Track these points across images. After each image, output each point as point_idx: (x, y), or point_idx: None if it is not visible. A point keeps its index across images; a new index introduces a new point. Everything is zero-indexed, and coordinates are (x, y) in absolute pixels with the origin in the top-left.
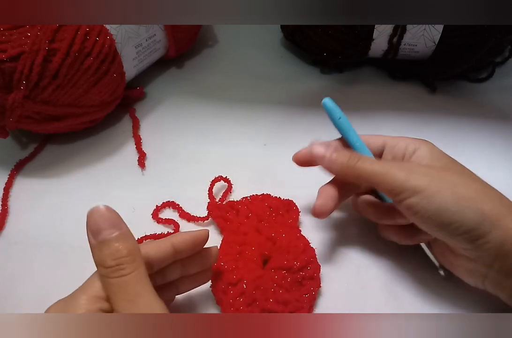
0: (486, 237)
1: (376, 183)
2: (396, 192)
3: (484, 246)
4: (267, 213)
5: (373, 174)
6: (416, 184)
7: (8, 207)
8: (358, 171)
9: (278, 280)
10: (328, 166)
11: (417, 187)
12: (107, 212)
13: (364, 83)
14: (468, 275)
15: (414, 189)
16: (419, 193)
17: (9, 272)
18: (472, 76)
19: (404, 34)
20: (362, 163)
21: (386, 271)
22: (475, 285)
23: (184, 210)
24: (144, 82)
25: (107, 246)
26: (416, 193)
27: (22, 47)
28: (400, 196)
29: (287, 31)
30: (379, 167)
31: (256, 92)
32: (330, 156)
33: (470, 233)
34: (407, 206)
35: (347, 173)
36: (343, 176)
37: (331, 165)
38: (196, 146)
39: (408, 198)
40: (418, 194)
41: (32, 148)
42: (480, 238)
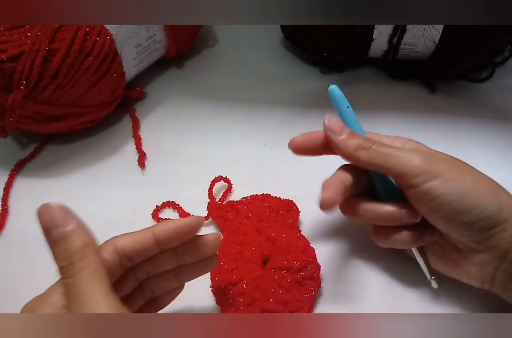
0: (504, 225)
1: (395, 165)
2: (414, 174)
3: (499, 234)
4: (267, 213)
5: (390, 156)
6: (437, 168)
7: (8, 207)
8: (374, 153)
9: (278, 280)
10: (342, 146)
11: (439, 170)
12: (55, 210)
13: (364, 83)
14: (478, 271)
15: (435, 172)
16: (440, 177)
17: (9, 272)
18: (472, 76)
19: (404, 34)
20: (378, 147)
21: (386, 271)
22: (481, 284)
23: (184, 210)
24: (144, 82)
25: (56, 245)
26: (437, 176)
27: (22, 47)
28: (419, 178)
29: (287, 31)
30: (396, 150)
31: (256, 92)
32: (345, 136)
33: (489, 220)
34: (427, 190)
35: (361, 155)
36: (356, 158)
37: (346, 145)
38: (196, 146)
39: (428, 181)
40: (440, 178)
41: (32, 148)
42: (498, 225)
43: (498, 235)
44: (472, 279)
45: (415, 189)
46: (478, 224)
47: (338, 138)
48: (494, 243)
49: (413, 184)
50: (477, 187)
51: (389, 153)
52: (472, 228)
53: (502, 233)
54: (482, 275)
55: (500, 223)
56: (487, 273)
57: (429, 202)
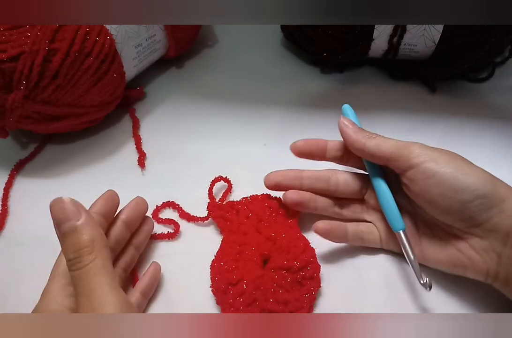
0: (500, 206)
1: (395, 149)
2: (414, 155)
3: (497, 216)
4: (267, 213)
5: (391, 143)
6: (433, 154)
7: (8, 207)
8: (379, 140)
9: (278, 280)
10: (353, 136)
11: (434, 154)
12: (67, 203)
13: (364, 83)
14: (482, 260)
15: (431, 156)
16: (437, 159)
17: (10, 272)
18: (472, 76)
19: (404, 34)
20: (381, 137)
21: (386, 271)
22: (485, 275)
23: (184, 210)
24: (144, 82)
25: (65, 238)
26: (435, 159)
27: (22, 47)
28: (417, 159)
29: (287, 31)
30: (397, 140)
31: (256, 92)
32: (353, 128)
33: (485, 199)
34: (424, 169)
35: (367, 142)
36: (361, 145)
37: (357, 135)
38: (196, 146)
39: (426, 162)
40: (436, 160)
41: (32, 148)
42: (495, 205)
43: (496, 217)
44: (477, 269)
45: (414, 169)
46: (474, 202)
47: (351, 129)
48: (493, 226)
49: (412, 164)
50: (472, 170)
51: (392, 140)
52: (470, 207)
53: (500, 215)
54: (487, 262)
55: (497, 203)
56: (492, 260)
57: (426, 180)
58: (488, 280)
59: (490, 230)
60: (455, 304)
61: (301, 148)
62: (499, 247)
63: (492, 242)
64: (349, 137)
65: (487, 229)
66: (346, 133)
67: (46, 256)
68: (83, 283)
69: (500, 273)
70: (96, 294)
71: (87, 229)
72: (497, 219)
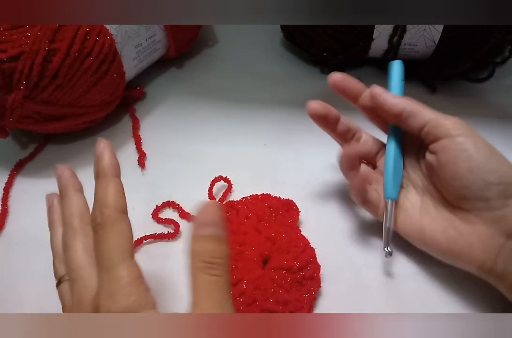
0: None
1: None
2: (453, 127)
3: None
4: (267, 213)
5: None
6: (471, 131)
7: (8, 207)
8: (420, 105)
9: (278, 280)
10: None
11: (473, 132)
12: (218, 209)
13: (364, 83)
14: (482, 247)
15: (470, 132)
16: (474, 136)
17: (9, 272)
18: (472, 76)
19: (404, 34)
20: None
21: (386, 271)
22: (481, 265)
23: (184, 209)
24: (144, 82)
25: (208, 242)
26: (472, 135)
27: (22, 47)
28: (458, 130)
29: (287, 31)
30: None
31: (256, 92)
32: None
33: (508, 186)
34: (462, 141)
35: (408, 103)
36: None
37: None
38: (196, 146)
39: (464, 135)
40: (474, 137)
41: (32, 148)
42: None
43: (510, 207)
44: (473, 258)
45: (450, 138)
46: (497, 186)
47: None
48: (504, 215)
49: (450, 134)
50: (505, 158)
51: (431, 109)
52: (491, 189)
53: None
54: (486, 252)
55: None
56: (492, 250)
57: (459, 152)
58: (482, 272)
59: (499, 219)
60: (455, 304)
61: (339, 82)
62: (503, 239)
63: (497, 232)
64: (387, 100)
65: (497, 216)
66: (383, 96)
67: (46, 256)
68: (213, 291)
69: (496, 266)
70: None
71: (225, 244)
72: (510, 209)
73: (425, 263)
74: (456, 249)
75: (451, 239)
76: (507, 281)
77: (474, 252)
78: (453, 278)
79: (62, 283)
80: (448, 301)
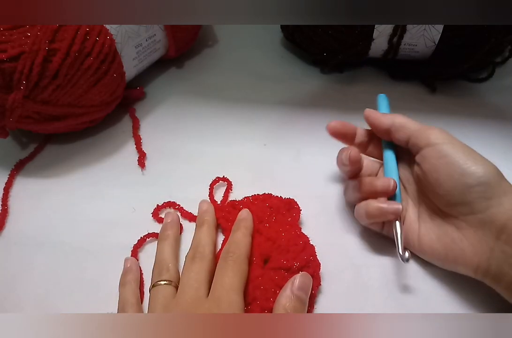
0: (500, 199)
1: (419, 128)
2: (434, 137)
3: (495, 208)
4: (267, 214)
5: (417, 123)
6: (450, 137)
7: (8, 207)
8: (406, 119)
9: (278, 280)
10: (377, 115)
11: (451, 139)
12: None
13: (364, 83)
14: (473, 253)
15: (448, 139)
16: (452, 143)
17: (9, 272)
18: (472, 76)
19: (404, 34)
20: (408, 118)
21: (386, 271)
22: (474, 272)
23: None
24: (144, 82)
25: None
26: (450, 142)
27: (22, 47)
28: (437, 139)
29: (287, 31)
30: (419, 123)
31: (256, 92)
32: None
33: (488, 187)
34: (440, 148)
35: (396, 117)
36: (390, 121)
37: (381, 115)
38: (196, 146)
39: (443, 144)
40: (452, 143)
41: (32, 148)
42: (494, 197)
43: (494, 208)
44: (468, 263)
45: (430, 147)
46: (477, 188)
47: (377, 113)
48: (489, 217)
49: (430, 143)
50: (483, 160)
51: (416, 121)
52: (471, 192)
53: (498, 207)
54: (478, 255)
55: (497, 195)
56: (483, 253)
57: (439, 159)
58: (478, 275)
59: (485, 222)
60: (455, 304)
61: (338, 129)
62: (492, 241)
63: (485, 235)
64: (378, 118)
65: (482, 219)
66: (374, 115)
67: (46, 256)
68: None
69: (491, 268)
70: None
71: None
72: (494, 210)
73: (425, 263)
74: (451, 256)
75: (446, 246)
76: (502, 282)
77: (467, 257)
78: (453, 278)
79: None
80: (448, 301)
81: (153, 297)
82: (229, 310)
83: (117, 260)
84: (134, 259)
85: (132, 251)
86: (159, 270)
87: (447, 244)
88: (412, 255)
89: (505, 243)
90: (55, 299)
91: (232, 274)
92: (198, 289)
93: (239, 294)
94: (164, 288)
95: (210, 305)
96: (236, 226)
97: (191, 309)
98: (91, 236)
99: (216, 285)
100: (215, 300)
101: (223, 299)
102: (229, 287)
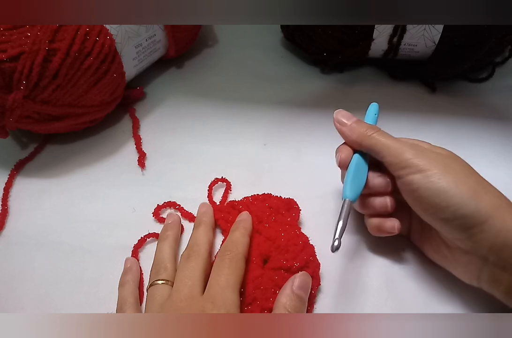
0: (481, 226)
1: (387, 154)
2: (401, 166)
3: (478, 235)
4: (266, 214)
5: (386, 146)
6: (422, 163)
7: (8, 207)
8: (373, 140)
9: (278, 280)
10: (347, 133)
11: (423, 165)
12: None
13: (364, 83)
14: (463, 271)
15: (419, 167)
16: (423, 172)
17: (9, 272)
18: (472, 76)
19: (404, 34)
20: (378, 135)
21: (386, 271)
22: (469, 281)
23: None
24: (144, 82)
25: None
26: (421, 171)
27: (22, 47)
28: (405, 170)
29: (287, 31)
30: (393, 142)
31: (256, 92)
32: (351, 125)
33: (466, 219)
34: (409, 181)
35: (362, 141)
36: (358, 144)
37: (350, 132)
38: (196, 146)
39: (411, 174)
40: (422, 172)
41: (32, 148)
42: (475, 226)
43: (477, 236)
44: (461, 276)
45: (401, 179)
46: (456, 222)
47: (344, 128)
48: (474, 243)
49: (399, 175)
50: (457, 185)
51: (385, 144)
52: (451, 225)
53: (480, 234)
54: (467, 273)
55: (478, 223)
56: (471, 273)
57: (411, 193)
58: (474, 284)
59: (469, 248)
60: (455, 304)
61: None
62: (480, 264)
63: (473, 258)
64: (344, 136)
65: (469, 245)
66: (340, 132)
67: (46, 256)
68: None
69: (482, 285)
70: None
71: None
72: (478, 238)
73: (425, 263)
74: (447, 267)
75: (442, 259)
76: (497, 292)
77: (459, 274)
78: (453, 278)
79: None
80: (448, 301)
81: (150, 296)
82: (223, 308)
83: (117, 260)
84: (134, 259)
85: (133, 251)
86: (157, 269)
87: (442, 258)
88: (412, 255)
89: (493, 265)
90: (55, 299)
91: (228, 271)
92: (192, 286)
93: (234, 292)
94: (161, 287)
95: (204, 303)
96: (235, 226)
97: (185, 307)
98: (91, 236)
99: (211, 282)
100: (209, 298)
101: (218, 296)
102: (224, 284)
